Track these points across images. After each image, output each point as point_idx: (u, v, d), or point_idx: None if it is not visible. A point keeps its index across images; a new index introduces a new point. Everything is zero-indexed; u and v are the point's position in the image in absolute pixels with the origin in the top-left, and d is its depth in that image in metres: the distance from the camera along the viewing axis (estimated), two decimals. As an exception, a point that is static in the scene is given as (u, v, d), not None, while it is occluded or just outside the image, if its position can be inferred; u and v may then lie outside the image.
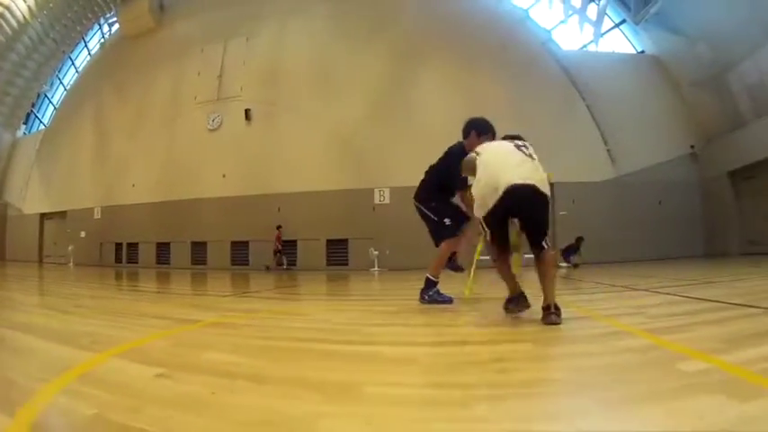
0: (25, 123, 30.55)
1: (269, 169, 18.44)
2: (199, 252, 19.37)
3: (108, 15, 26.77)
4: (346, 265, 17.20)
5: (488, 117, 16.65)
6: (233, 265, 18.60)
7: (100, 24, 27.58)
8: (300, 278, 12.82)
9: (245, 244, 18.61)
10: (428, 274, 5.49)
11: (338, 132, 17.82)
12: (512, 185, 3.73)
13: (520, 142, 4.23)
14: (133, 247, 21.16)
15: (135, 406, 1.86)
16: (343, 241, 17.41)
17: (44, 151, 26.54)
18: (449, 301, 5.38)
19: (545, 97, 17.29)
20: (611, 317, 4.03)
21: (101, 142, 23.56)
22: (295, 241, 17.87)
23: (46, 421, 1.79)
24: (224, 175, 18.96)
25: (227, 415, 1.79)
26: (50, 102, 29.94)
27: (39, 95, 29.89)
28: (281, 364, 2.71)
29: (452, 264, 5.92)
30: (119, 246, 21.59)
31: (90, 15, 26.85)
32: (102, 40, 27.32)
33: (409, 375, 2.43)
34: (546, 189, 3.88)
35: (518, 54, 17.84)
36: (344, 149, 17.64)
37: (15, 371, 2.52)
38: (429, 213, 5.69)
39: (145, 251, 20.68)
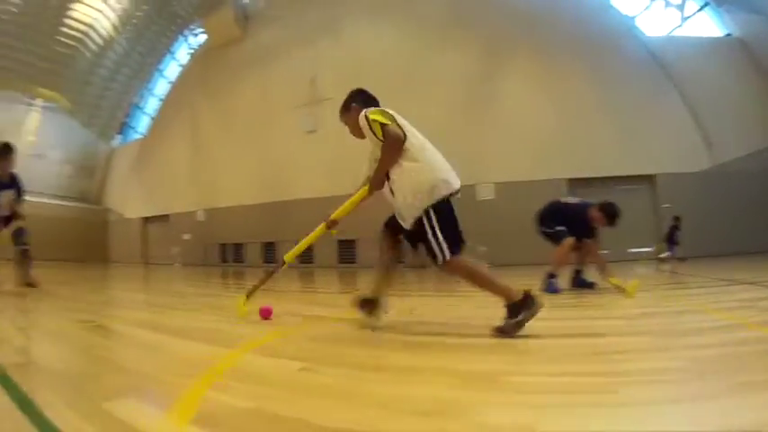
0: (120, 134, 32.32)
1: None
2: (305, 251, 19.80)
3: (191, 27, 27.97)
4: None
5: (576, 107, 17.10)
6: (340, 263, 19.04)
7: (184, 36, 28.73)
8: (409, 275, 12.87)
9: (352, 242, 18.91)
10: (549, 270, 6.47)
11: (432, 129, 17.47)
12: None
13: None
14: (238, 247, 22.05)
15: (288, 398, 2.00)
16: None
17: (143, 159, 27.99)
18: (556, 291, 6.31)
19: (634, 86, 17.06)
20: (721, 310, 4.22)
21: (199, 148, 24.73)
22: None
23: (206, 415, 1.84)
24: (323, 176, 19.29)
25: (383, 404, 1.90)
26: (143, 112, 31.39)
27: (131, 107, 31.51)
28: (419, 356, 2.82)
29: (580, 280, 6.84)
30: (223, 246, 22.50)
31: (173, 28, 28.17)
32: (192, 51, 28.49)
33: (544, 365, 2.60)
34: None
35: (603, 43, 17.64)
36: (441, 146, 17.44)
37: (158, 368, 2.64)
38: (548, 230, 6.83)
39: (250, 251, 21.50)
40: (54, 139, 30.27)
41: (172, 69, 29.91)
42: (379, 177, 3.68)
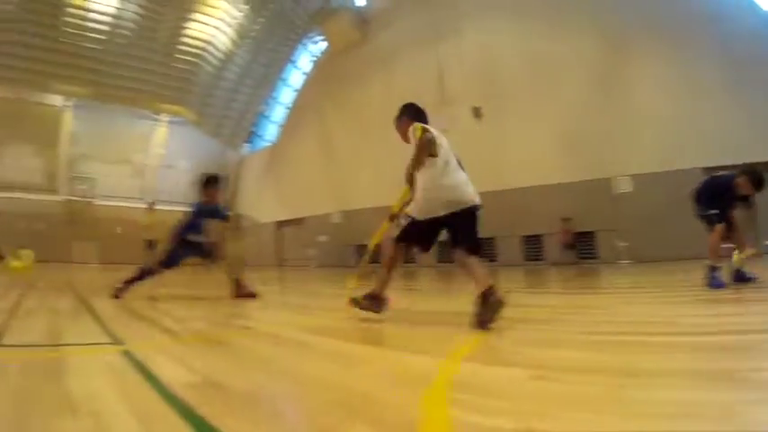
0: (248, 142, 34.55)
1: (503, 165, 18.73)
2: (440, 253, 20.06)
3: (310, 35, 29.36)
4: (594, 258, 16.94)
5: (704, 91, 16.19)
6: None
7: (304, 44, 30.19)
8: (554, 273, 12.97)
9: (491, 240, 18.81)
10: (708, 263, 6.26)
11: (564, 123, 17.82)
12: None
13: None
14: (375, 247, 22.84)
15: (545, 412, 1.78)
16: (589, 234, 17.27)
17: (273, 165, 29.89)
18: (721, 285, 6.01)
19: (759, 64, 15.71)
20: None
21: (330, 151, 25.94)
22: (540, 236, 18.24)
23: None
24: None
25: (651, 412, 1.71)
26: (270, 120, 33.35)
27: (257, 116, 33.57)
28: (644, 356, 2.66)
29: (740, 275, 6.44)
30: (360, 248, 22.75)
31: (293, 37, 29.73)
32: (314, 59, 29.88)
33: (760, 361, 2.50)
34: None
35: (725, 21, 16.46)
36: (574, 140, 17.54)
37: (366, 382, 2.31)
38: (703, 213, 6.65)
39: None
40: (182, 151, 32.86)
41: (295, 77, 31.54)
42: (409, 172, 4.46)
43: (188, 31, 28.02)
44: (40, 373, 2.48)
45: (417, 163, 4.29)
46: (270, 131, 33.16)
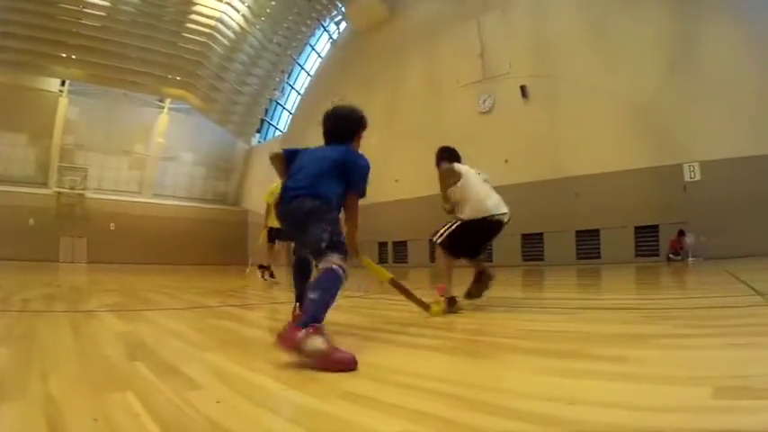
0: (259, 132, 34.26)
1: (556, 150, 18.03)
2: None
3: (332, 14, 28.97)
4: (657, 255, 16.13)
5: None
6: (524, 260, 18.37)
7: (323, 26, 29.86)
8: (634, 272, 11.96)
9: (540, 236, 18.24)
10: None
11: (629, 102, 16.77)
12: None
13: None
14: (400, 245, 22.26)
15: None
16: (653, 228, 16.43)
17: (283, 157, 29.20)
18: None
19: None
20: None
21: None
22: (597, 230, 17.29)
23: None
24: (506, 161, 18.59)
25: None
26: (284, 108, 33.02)
27: (270, 103, 33.22)
28: None
29: None
30: (383, 245, 22.70)
31: (314, 15, 29.31)
32: (332, 40, 29.51)
33: None
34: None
35: None
36: (639, 121, 16.61)
37: None
38: None
39: (414, 249, 21.45)
40: (186, 141, 32.42)
41: (313, 61, 31.30)
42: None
43: (197, 8, 27.48)
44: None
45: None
46: (282, 120, 32.78)
